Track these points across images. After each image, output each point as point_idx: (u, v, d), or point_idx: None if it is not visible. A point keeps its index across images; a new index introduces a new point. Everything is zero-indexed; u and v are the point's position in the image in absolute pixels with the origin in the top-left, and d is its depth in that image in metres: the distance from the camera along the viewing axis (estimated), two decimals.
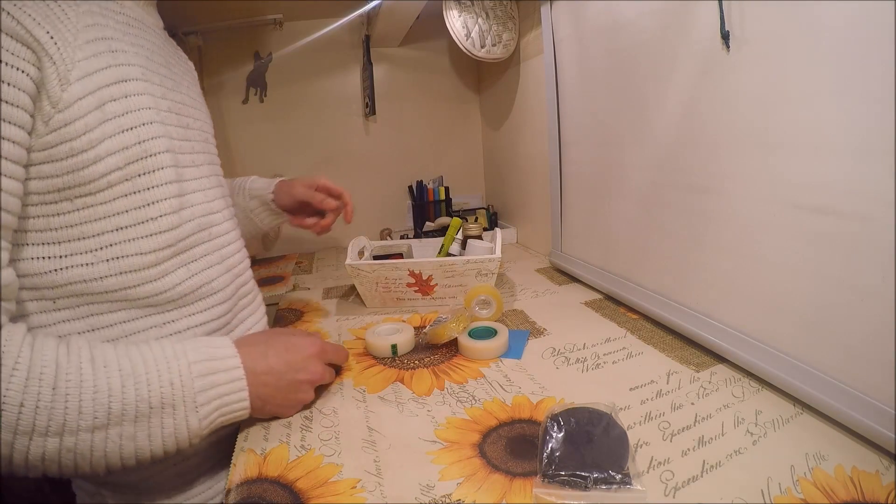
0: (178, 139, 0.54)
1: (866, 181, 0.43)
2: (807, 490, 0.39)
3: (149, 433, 0.43)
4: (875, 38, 0.40)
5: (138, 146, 0.48)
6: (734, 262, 0.58)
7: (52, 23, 0.42)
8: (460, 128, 1.53)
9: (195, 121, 0.60)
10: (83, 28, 0.45)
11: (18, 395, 0.37)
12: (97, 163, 0.45)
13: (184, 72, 0.63)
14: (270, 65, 1.34)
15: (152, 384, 0.42)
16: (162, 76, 0.54)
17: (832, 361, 0.48)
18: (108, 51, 0.47)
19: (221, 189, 0.63)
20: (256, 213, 0.83)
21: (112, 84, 0.46)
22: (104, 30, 0.47)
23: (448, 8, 1.10)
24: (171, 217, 0.51)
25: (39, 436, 0.38)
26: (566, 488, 0.39)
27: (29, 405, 0.37)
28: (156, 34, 0.58)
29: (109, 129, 0.46)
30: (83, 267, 0.46)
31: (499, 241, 0.87)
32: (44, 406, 0.38)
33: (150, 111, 0.49)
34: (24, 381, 0.38)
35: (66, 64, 0.43)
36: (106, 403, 0.40)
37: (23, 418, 0.37)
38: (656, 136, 0.69)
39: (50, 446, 0.39)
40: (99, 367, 0.41)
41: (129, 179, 0.47)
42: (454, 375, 0.61)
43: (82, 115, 0.44)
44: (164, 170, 0.50)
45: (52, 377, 0.39)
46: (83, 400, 0.39)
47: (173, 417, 0.44)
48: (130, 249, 0.48)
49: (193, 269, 0.54)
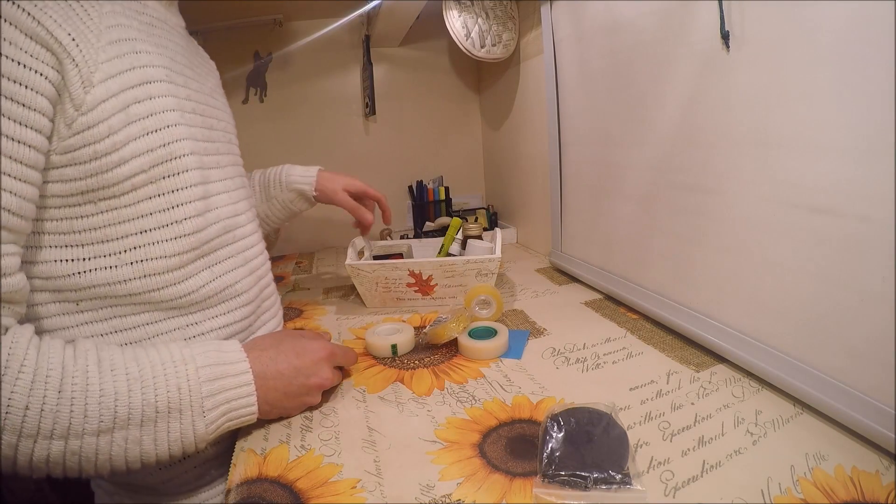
0: (202, 140, 0.53)
1: (866, 181, 0.43)
2: (807, 490, 0.39)
3: (155, 437, 0.42)
4: (875, 38, 0.40)
5: (163, 148, 0.47)
6: (734, 261, 0.58)
7: (74, 23, 0.41)
8: (460, 128, 1.53)
9: (219, 122, 0.60)
10: (106, 29, 0.44)
11: (24, 398, 0.37)
12: (121, 165, 0.44)
13: (207, 73, 0.62)
14: (270, 65, 1.34)
15: (159, 389, 0.42)
16: (186, 77, 0.54)
17: (832, 361, 0.48)
18: (132, 52, 0.46)
19: (245, 190, 0.63)
20: (294, 203, 0.88)
21: (136, 86, 0.46)
22: (128, 30, 0.47)
23: (448, 8, 1.10)
24: (196, 220, 0.50)
25: (44, 439, 0.38)
26: (566, 488, 0.39)
27: (34, 408, 0.37)
28: (179, 35, 0.57)
29: (134, 132, 0.45)
30: (107, 270, 0.46)
31: (499, 241, 0.87)
32: (49, 409, 0.38)
33: (174, 113, 0.49)
34: (29, 384, 0.37)
35: (88, 66, 0.42)
36: (112, 407, 0.40)
37: (28, 421, 0.37)
38: (656, 136, 0.69)
39: (55, 449, 0.38)
40: (106, 370, 0.41)
41: (153, 182, 0.47)
42: (454, 375, 0.61)
43: (106, 118, 0.43)
44: (189, 172, 0.49)
45: (59, 380, 0.39)
46: (89, 404, 0.39)
47: (180, 422, 0.43)
48: (155, 252, 0.48)
49: (217, 271, 0.54)
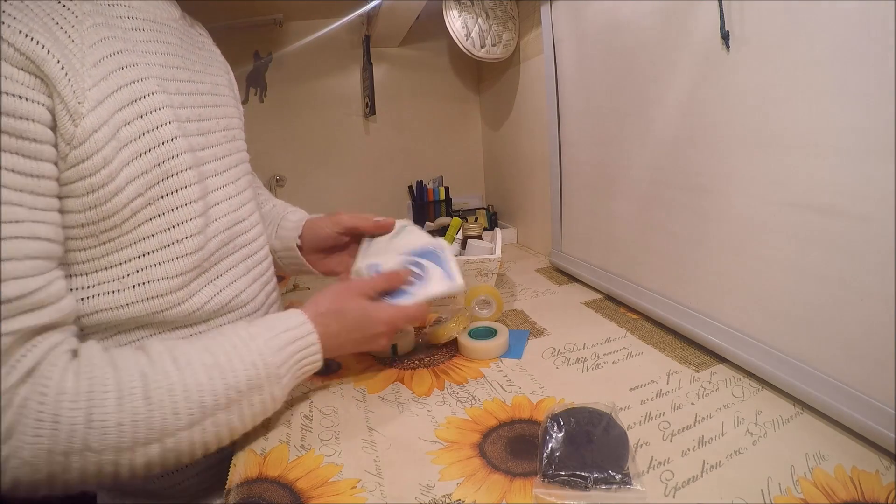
0: (199, 150, 0.51)
1: (866, 181, 0.43)
2: (807, 490, 0.39)
3: (241, 415, 0.45)
4: (875, 38, 0.40)
5: (158, 168, 0.46)
6: (734, 261, 0.58)
7: (61, 49, 0.39)
8: (460, 128, 1.53)
9: (219, 120, 0.57)
10: (90, 48, 0.42)
11: (115, 416, 0.38)
12: (118, 194, 0.43)
13: (206, 63, 0.60)
14: (270, 65, 1.34)
15: (237, 371, 0.44)
16: (179, 82, 0.52)
17: (832, 361, 0.48)
18: (118, 68, 0.44)
19: (249, 192, 0.61)
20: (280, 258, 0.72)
21: (126, 105, 0.44)
22: (112, 43, 0.44)
23: (448, 8, 1.10)
24: (197, 238, 0.49)
25: (142, 446, 0.39)
26: (566, 488, 0.39)
27: (127, 422, 0.38)
28: (171, 29, 0.54)
29: (127, 155, 0.44)
30: (109, 295, 0.46)
31: (499, 241, 0.87)
32: (141, 419, 0.39)
33: (170, 126, 0.47)
34: (116, 402, 0.38)
35: (76, 97, 0.40)
36: (198, 400, 0.41)
37: (124, 436, 0.38)
38: (656, 135, 0.69)
39: (153, 452, 0.40)
40: (183, 366, 0.42)
41: (152, 203, 0.46)
42: (454, 375, 0.61)
43: (99, 149, 0.41)
44: (187, 188, 0.48)
45: (143, 389, 0.39)
46: (176, 402, 0.40)
47: (260, 395, 0.45)
48: (157, 274, 0.47)
49: (221, 284, 0.53)
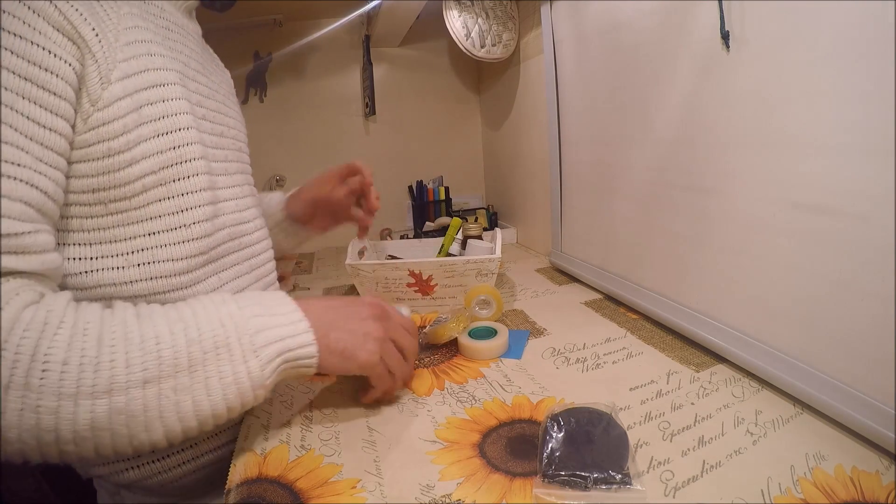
0: (211, 147, 0.53)
1: (867, 181, 0.43)
2: (807, 490, 0.39)
3: (206, 384, 0.39)
4: (875, 38, 0.40)
5: (173, 151, 0.47)
6: (734, 261, 0.58)
7: (98, 21, 0.42)
8: (460, 128, 1.53)
9: (229, 129, 0.60)
10: (124, 30, 0.45)
11: (62, 353, 0.35)
12: (132, 165, 0.45)
13: (220, 80, 0.63)
14: (270, 65, 1.34)
15: (202, 326, 0.40)
16: (198, 83, 0.54)
17: (832, 361, 0.48)
18: (147, 54, 0.47)
19: (253, 198, 0.63)
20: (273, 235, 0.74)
21: (150, 87, 0.46)
22: (144, 32, 0.47)
23: (448, 8, 1.10)
24: (204, 224, 0.50)
25: (86, 398, 0.35)
26: (566, 488, 0.39)
27: (73, 362, 0.35)
28: (195, 41, 0.58)
29: (146, 133, 0.45)
30: (114, 270, 0.46)
31: (499, 241, 0.87)
32: (89, 361, 0.35)
33: (186, 116, 0.49)
34: (68, 339, 0.36)
35: (108, 63, 0.43)
36: (155, 351, 0.38)
37: (67, 377, 0.35)
38: (656, 135, 0.69)
39: (99, 409, 0.36)
40: (145, 317, 0.40)
41: (163, 184, 0.47)
42: (454, 375, 0.61)
43: (121, 116, 0.43)
44: (198, 176, 0.50)
45: (97, 331, 0.37)
46: (130, 350, 0.37)
47: (231, 363, 0.40)
48: (162, 255, 0.48)
49: (224, 277, 0.54)
